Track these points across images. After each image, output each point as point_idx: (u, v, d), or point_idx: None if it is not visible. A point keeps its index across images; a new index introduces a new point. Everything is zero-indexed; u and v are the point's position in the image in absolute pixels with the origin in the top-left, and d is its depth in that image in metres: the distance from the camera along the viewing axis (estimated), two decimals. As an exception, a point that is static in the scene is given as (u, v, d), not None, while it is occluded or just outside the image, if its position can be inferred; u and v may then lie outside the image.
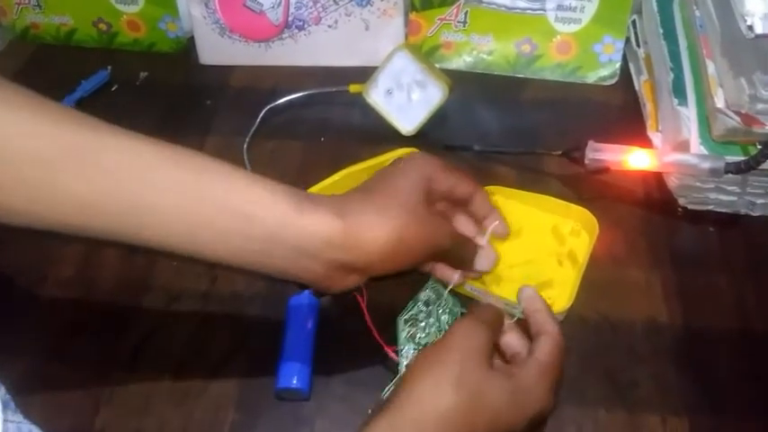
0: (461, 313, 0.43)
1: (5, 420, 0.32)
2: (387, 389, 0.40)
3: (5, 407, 0.33)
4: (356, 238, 0.37)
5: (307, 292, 0.45)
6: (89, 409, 0.43)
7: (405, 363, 0.41)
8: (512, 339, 0.41)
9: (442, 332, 0.42)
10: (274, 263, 0.38)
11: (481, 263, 0.44)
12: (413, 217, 0.39)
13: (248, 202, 0.36)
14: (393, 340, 0.43)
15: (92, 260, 0.50)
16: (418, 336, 0.43)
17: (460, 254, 0.43)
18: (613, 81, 0.63)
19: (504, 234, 0.46)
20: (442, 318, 0.43)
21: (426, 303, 0.44)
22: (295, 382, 0.41)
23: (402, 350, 0.42)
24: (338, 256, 0.38)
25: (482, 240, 0.44)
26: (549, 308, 0.42)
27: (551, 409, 0.39)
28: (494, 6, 0.62)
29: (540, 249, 0.50)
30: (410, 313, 0.43)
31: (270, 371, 0.43)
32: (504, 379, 0.37)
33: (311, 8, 0.62)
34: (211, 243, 0.37)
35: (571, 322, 0.46)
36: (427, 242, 0.40)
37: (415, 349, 0.42)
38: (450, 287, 0.44)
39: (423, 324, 0.43)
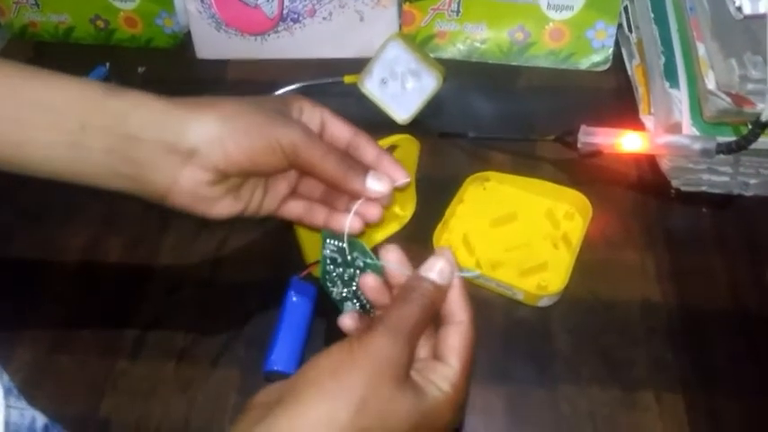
0: (376, 265, 0.37)
1: (8, 407, 0.33)
2: None
3: (8, 393, 0.33)
4: (182, 117, 0.36)
5: (295, 277, 0.46)
6: (94, 396, 0.43)
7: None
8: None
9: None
10: (94, 157, 0.36)
11: (371, 182, 0.38)
12: (251, 107, 0.37)
13: (51, 91, 0.36)
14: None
15: (95, 250, 0.51)
16: (345, 293, 0.40)
17: (334, 163, 0.38)
18: (606, 66, 0.63)
19: (401, 181, 0.40)
20: (357, 271, 0.39)
21: (334, 260, 0.40)
22: (277, 366, 0.42)
23: (348, 312, 0.39)
24: (163, 136, 0.36)
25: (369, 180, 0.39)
26: (463, 285, 0.35)
27: (463, 404, 0.36)
28: (486, -5, 0.62)
29: (534, 233, 0.50)
30: (326, 275, 0.40)
31: (270, 356, 0.43)
32: (414, 398, 0.31)
33: (305, 1, 0.63)
34: (18, 140, 0.35)
35: (566, 303, 0.47)
36: (268, 132, 0.37)
37: (356, 304, 0.40)
38: (346, 237, 0.38)
39: (341, 281, 0.40)
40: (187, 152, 0.36)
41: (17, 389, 0.34)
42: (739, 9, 0.45)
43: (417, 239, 0.50)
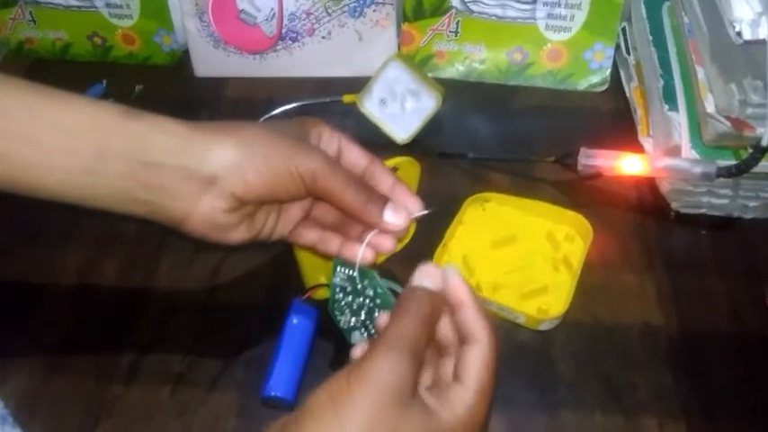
0: (386, 294, 0.38)
1: (4, 434, 0.32)
2: None
3: (3, 422, 0.33)
4: (202, 143, 0.36)
5: (296, 300, 0.45)
6: (89, 422, 0.43)
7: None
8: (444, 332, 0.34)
9: (379, 309, 0.38)
10: (111, 182, 0.35)
11: (390, 215, 0.38)
12: (271, 134, 0.37)
13: (69, 114, 0.35)
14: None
15: (91, 272, 0.50)
16: (353, 322, 0.40)
17: (353, 193, 0.37)
18: (604, 88, 0.64)
19: (417, 213, 0.40)
20: (367, 300, 0.38)
21: (343, 289, 0.40)
22: (275, 392, 0.41)
23: (354, 343, 0.39)
24: (183, 162, 0.35)
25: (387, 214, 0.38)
26: (477, 300, 0.34)
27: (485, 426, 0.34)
28: (485, 16, 0.62)
29: (535, 255, 0.50)
30: (334, 303, 0.40)
31: (268, 380, 0.43)
32: (424, 419, 0.30)
33: (305, 20, 0.63)
34: (34, 164, 0.34)
35: (567, 327, 0.47)
36: (288, 160, 0.36)
37: (364, 333, 0.39)
38: (357, 265, 0.38)
39: (350, 310, 0.39)
40: (206, 179, 0.36)
41: (12, 416, 0.33)
42: (739, 34, 0.45)
43: (417, 261, 0.49)
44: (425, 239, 0.50)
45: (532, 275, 0.49)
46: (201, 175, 0.36)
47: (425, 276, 0.34)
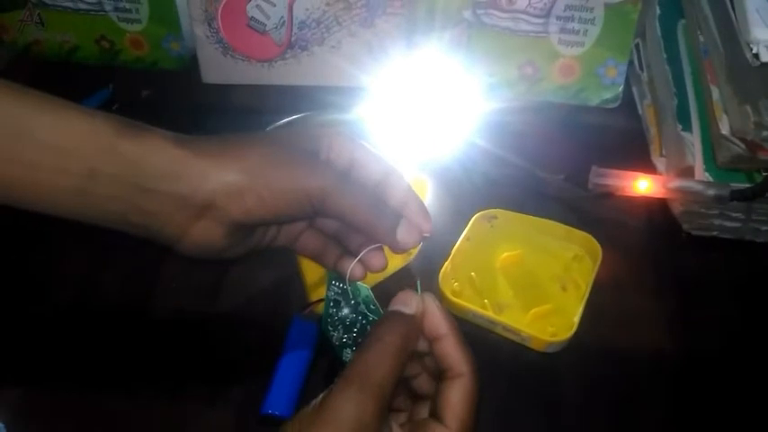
0: (379, 312, 0.37)
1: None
2: None
3: (-2, 435, 0.32)
4: (200, 168, 0.33)
5: (297, 315, 0.44)
6: (85, 435, 0.42)
7: None
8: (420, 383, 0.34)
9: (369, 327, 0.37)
10: (102, 204, 0.34)
11: (403, 234, 0.36)
12: (278, 154, 0.35)
13: (61, 132, 0.33)
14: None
15: (90, 282, 0.50)
16: (345, 338, 0.39)
17: (362, 213, 0.35)
18: (616, 104, 0.63)
19: (424, 233, 0.37)
20: (360, 317, 0.38)
21: (337, 303, 0.39)
22: (273, 410, 0.41)
23: (346, 361, 0.39)
24: (177, 188, 0.33)
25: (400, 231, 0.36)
26: (458, 330, 0.33)
27: None
28: (497, 29, 0.62)
29: (543, 275, 0.49)
30: (328, 318, 0.39)
31: (268, 397, 0.42)
32: None
33: (314, 29, 0.62)
34: (22, 182, 0.33)
35: (574, 349, 0.46)
36: (293, 185, 0.34)
37: (355, 350, 0.38)
38: (348, 279, 0.38)
39: (342, 325, 0.39)
40: (202, 206, 0.34)
41: (6, 429, 0.33)
42: (756, 56, 0.45)
43: (423, 277, 0.48)
44: (432, 255, 0.49)
45: (540, 295, 0.48)
46: (195, 202, 0.34)
47: (402, 304, 0.33)
